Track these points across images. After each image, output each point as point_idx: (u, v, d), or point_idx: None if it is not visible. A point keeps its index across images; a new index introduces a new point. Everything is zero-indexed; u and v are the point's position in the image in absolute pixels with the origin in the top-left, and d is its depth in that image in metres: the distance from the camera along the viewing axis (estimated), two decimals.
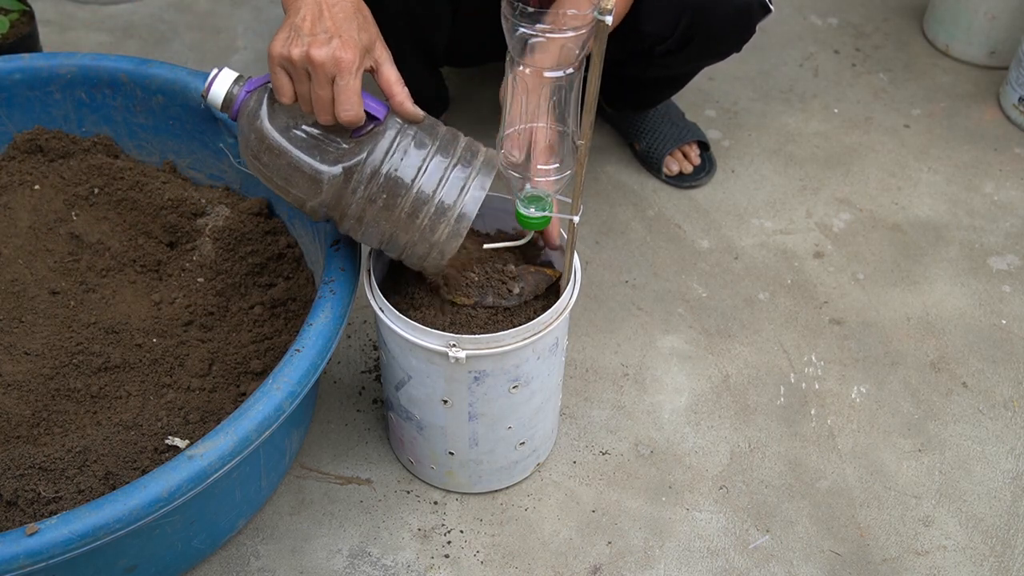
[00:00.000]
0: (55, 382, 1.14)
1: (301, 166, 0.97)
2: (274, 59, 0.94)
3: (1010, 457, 1.31)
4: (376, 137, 0.97)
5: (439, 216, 0.97)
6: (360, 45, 0.92)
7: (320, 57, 0.90)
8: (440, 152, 0.98)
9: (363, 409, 1.34)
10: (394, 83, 0.97)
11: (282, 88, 0.95)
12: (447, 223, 0.97)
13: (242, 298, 1.27)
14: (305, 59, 0.91)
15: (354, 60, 0.91)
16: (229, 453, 0.95)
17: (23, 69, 1.34)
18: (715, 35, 1.38)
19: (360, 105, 0.93)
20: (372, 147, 0.96)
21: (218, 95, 1.01)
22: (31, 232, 1.27)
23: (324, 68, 0.91)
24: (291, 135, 0.97)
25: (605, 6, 0.83)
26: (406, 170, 0.97)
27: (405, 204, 0.97)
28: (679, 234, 1.59)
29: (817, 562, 1.20)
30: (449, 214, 0.97)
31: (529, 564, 1.19)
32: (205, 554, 1.15)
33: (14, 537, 0.88)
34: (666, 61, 1.45)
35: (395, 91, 0.97)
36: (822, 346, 1.43)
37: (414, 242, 0.99)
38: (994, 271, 1.55)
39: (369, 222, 0.99)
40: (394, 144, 0.97)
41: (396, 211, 0.97)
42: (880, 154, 1.74)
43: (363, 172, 0.97)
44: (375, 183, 0.97)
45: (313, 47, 0.90)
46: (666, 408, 1.35)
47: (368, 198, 0.97)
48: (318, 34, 0.91)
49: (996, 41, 1.88)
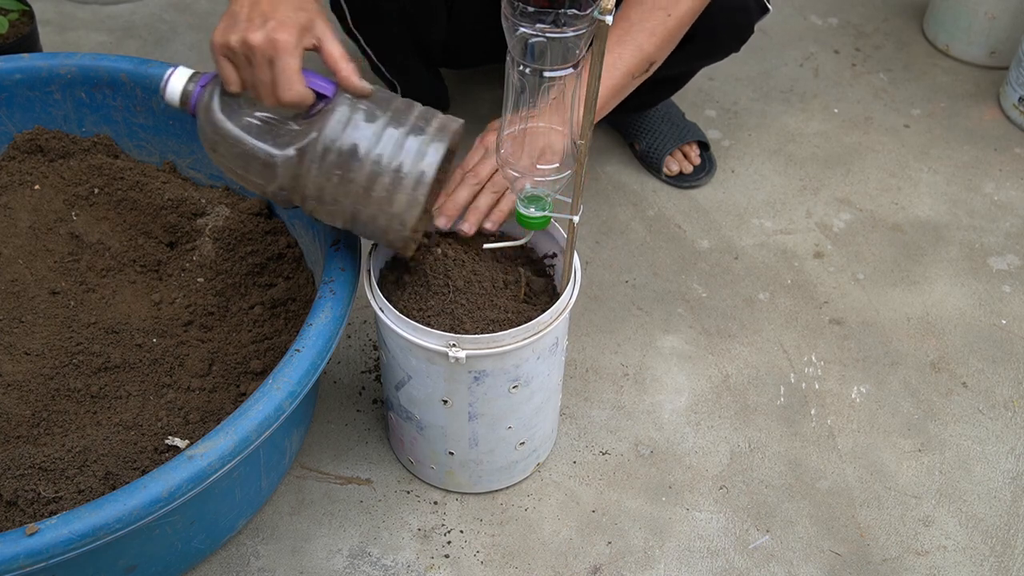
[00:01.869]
0: (55, 382, 1.14)
1: (255, 152, 0.98)
2: (216, 49, 0.95)
3: (1010, 457, 1.31)
4: (327, 115, 0.97)
5: (395, 186, 0.96)
6: (297, 24, 0.92)
7: (256, 40, 0.91)
8: (392, 123, 0.97)
9: (363, 409, 1.34)
10: (338, 59, 0.96)
11: (227, 77, 0.96)
12: (404, 192, 0.96)
13: (242, 298, 1.27)
14: (242, 44, 0.92)
15: (290, 40, 0.91)
16: (229, 453, 0.95)
17: (23, 69, 1.34)
18: (713, 35, 1.38)
19: (300, 84, 0.93)
20: (322, 125, 0.97)
21: (174, 93, 1.01)
22: (31, 232, 1.27)
23: (261, 51, 0.91)
24: (243, 123, 0.98)
25: (605, 6, 0.83)
26: (358, 143, 0.96)
27: (360, 177, 0.97)
28: (679, 234, 1.59)
29: (817, 562, 1.20)
30: (405, 183, 0.96)
31: (529, 564, 1.19)
32: (205, 554, 1.15)
33: (14, 537, 0.88)
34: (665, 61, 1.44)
35: (340, 67, 0.96)
36: (822, 346, 1.43)
37: (374, 215, 0.98)
38: (994, 271, 1.55)
39: (328, 200, 0.99)
40: (344, 119, 0.97)
41: (352, 185, 0.97)
42: (880, 154, 1.74)
43: (315, 150, 0.97)
44: (328, 160, 0.97)
45: (249, 32, 0.91)
46: (666, 408, 1.35)
47: (324, 175, 0.97)
48: (254, 19, 0.92)
49: (996, 41, 1.88)
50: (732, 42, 1.43)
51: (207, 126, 1.00)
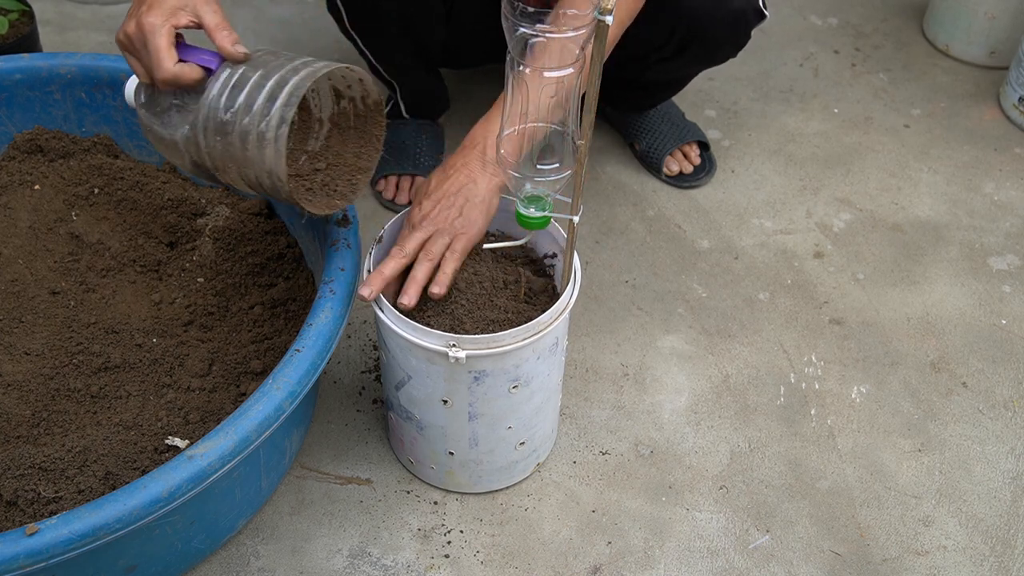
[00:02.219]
0: (55, 382, 1.14)
1: (163, 137, 1.03)
2: (119, 47, 1.01)
3: (1010, 457, 1.31)
4: (207, 86, 0.99)
5: (261, 140, 0.97)
6: (165, 6, 0.97)
7: (130, 29, 0.97)
8: (261, 79, 0.99)
9: (363, 409, 1.34)
10: (215, 28, 0.99)
11: (135, 69, 1.01)
12: (269, 143, 0.97)
13: (242, 298, 1.27)
14: (124, 36, 0.98)
15: (155, 21, 0.96)
16: (229, 453, 0.95)
17: (23, 69, 1.34)
18: (710, 42, 1.38)
19: (169, 61, 0.97)
20: (204, 98, 0.99)
21: (129, 97, 1.09)
22: (31, 232, 1.27)
23: (137, 37, 0.97)
24: (156, 112, 1.02)
25: (605, 6, 0.83)
26: (227, 106, 0.98)
27: (235, 139, 0.98)
28: (679, 234, 1.59)
29: (817, 562, 1.20)
30: (268, 135, 0.97)
31: (529, 564, 1.19)
32: (205, 554, 1.15)
33: (14, 537, 0.88)
34: (662, 67, 1.45)
35: (216, 36, 0.99)
36: (822, 346, 1.43)
37: (258, 175, 1.00)
38: (994, 271, 1.55)
39: (222, 168, 1.02)
40: (220, 88, 0.99)
41: (232, 148, 0.99)
42: (880, 154, 1.74)
43: (198, 123, 0.99)
44: (209, 129, 0.99)
45: (127, 23, 0.98)
46: (666, 408, 1.35)
47: (210, 145, 1.00)
48: (134, 10, 0.98)
49: (996, 41, 1.88)
50: (730, 48, 1.43)
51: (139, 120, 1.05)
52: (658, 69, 1.44)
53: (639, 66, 1.45)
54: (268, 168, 0.98)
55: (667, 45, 1.37)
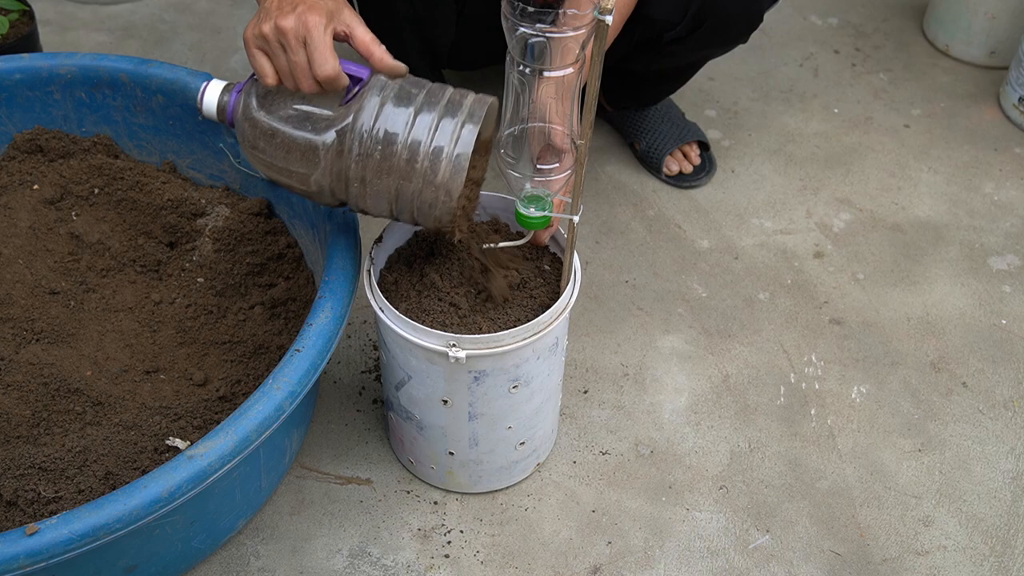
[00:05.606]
0: (55, 382, 1.14)
1: (296, 141, 0.99)
2: (249, 42, 0.97)
3: (1010, 457, 1.31)
4: (363, 96, 0.99)
5: (437, 155, 0.97)
6: (325, 8, 0.95)
7: (287, 24, 0.94)
8: (428, 97, 0.99)
9: (363, 409, 1.34)
10: (370, 43, 0.98)
11: (263, 69, 0.98)
12: (447, 159, 0.97)
13: (242, 298, 1.27)
14: (275, 30, 0.94)
15: (320, 19, 0.94)
16: (229, 453, 0.95)
17: (23, 69, 1.34)
18: (724, 20, 1.38)
19: (334, 60, 0.95)
20: (360, 106, 0.98)
21: (211, 107, 1.04)
22: (31, 232, 1.27)
23: (294, 33, 0.94)
24: (282, 116, 1.00)
25: (605, 6, 0.83)
26: (396, 119, 0.98)
27: (402, 151, 0.98)
28: (679, 234, 1.59)
29: (817, 562, 1.20)
30: (447, 150, 0.97)
31: (529, 564, 1.19)
32: (205, 554, 1.15)
33: (14, 537, 0.88)
34: (674, 49, 1.44)
35: (372, 50, 0.98)
36: (822, 346, 1.43)
37: (419, 189, 0.99)
38: (994, 271, 1.55)
39: (371, 180, 1.00)
40: (381, 98, 0.99)
41: (394, 159, 0.98)
42: (880, 154, 1.74)
43: (355, 131, 0.98)
44: (369, 139, 0.98)
45: (279, 18, 0.94)
46: (666, 408, 1.35)
47: (365, 154, 0.99)
48: (284, 7, 0.95)
49: (996, 41, 1.88)
50: (742, 28, 1.42)
51: (246, 124, 1.01)
52: (669, 53, 1.45)
53: (651, 53, 1.45)
54: (441, 183, 0.97)
55: (681, 23, 1.37)
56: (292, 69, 0.96)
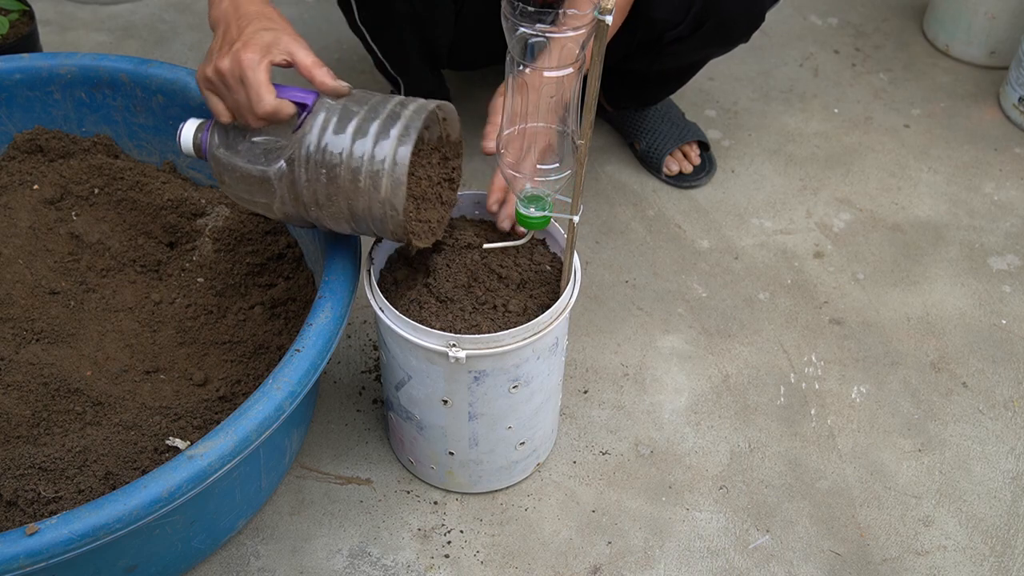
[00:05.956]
0: (55, 382, 1.14)
1: (252, 174, 1.02)
2: (200, 85, 1.00)
3: (1010, 457, 1.31)
4: (307, 121, 1.00)
5: (377, 173, 0.98)
6: (260, 43, 0.96)
7: (223, 65, 0.96)
8: (369, 113, 1.00)
9: (363, 409, 1.34)
10: (311, 66, 0.99)
11: (216, 108, 1.00)
12: (386, 175, 0.98)
13: (242, 298, 1.27)
14: (215, 72, 0.97)
15: (253, 56, 0.95)
16: (229, 453, 0.95)
17: (23, 69, 1.34)
18: (726, 20, 1.38)
19: (269, 95, 0.96)
20: (304, 131, 0.99)
21: (188, 144, 1.07)
22: (31, 232, 1.27)
23: (230, 73, 0.96)
24: (239, 150, 1.02)
25: (605, 6, 0.83)
26: (337, 140, 0.99)
27: (344, 172, 0.99)
28: (679, 234, 1.59)
29: (817, 562, 1.20)
30: (385, 165, 0.98)
31: (529, 564, 1.19)
32: (205, 554, 1.15)
33: (14, 537, 0.88)
34: (676, 49, 1.45)
35: (314, 73, 0.99)
36: (822, 346, 1.43)
37: (368, 206, 1.00)
38: (994, 271, 1.55)
39: (323, 203, 1.01)
40: (323, 121, 0.99)
41: (339, 180, 0.99)
42: (880, 154, 1.74)
43: (300, 158, 1.00)
44: (313, 164, 0.99)
45: (218, 59, 0.97)
46: (666, 408, 1.35)
47: (313, 178, 1.00)
48: (223, 48, 0.97)
49: (996, 41, 1.88)
50: (744, 27, 1.42)
51: (211, 161, 1.04)
52: (671, 53, 1.45)
53: (652, 53, 1.45)
54: (385, 197, 0.99)
55: (683, 23, 1.38)
56: (238, 108, 0.98)
